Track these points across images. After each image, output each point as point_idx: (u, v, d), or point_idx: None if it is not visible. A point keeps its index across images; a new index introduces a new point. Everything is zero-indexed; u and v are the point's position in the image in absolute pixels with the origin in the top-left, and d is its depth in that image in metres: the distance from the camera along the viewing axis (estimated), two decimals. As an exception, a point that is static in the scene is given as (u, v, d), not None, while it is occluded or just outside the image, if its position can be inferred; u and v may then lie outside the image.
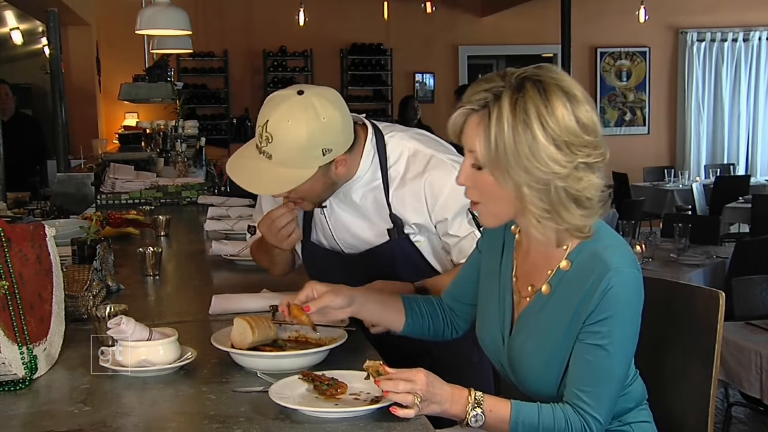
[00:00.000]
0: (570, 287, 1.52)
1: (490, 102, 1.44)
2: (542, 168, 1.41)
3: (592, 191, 1.46)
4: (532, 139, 1.40)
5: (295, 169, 1.84)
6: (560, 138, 1.41)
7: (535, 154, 1.41)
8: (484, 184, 1.48)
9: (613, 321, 1.46)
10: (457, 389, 1.48)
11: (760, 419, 4.06)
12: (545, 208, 1.45)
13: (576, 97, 1.45)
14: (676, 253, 4.61)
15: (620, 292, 1.46)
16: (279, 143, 1.81)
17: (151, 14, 5.13)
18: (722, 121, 10.54)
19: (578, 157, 1.43)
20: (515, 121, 1.41)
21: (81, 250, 2.46)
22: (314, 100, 1.83)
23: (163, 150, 5.99)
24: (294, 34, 9.46)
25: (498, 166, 1.43)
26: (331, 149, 1.85)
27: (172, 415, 1.49)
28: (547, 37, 9.58)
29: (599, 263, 1.48)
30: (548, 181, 1.43)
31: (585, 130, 1.44)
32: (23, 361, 1.58)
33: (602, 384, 1.48)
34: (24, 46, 8.79)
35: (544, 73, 1.46)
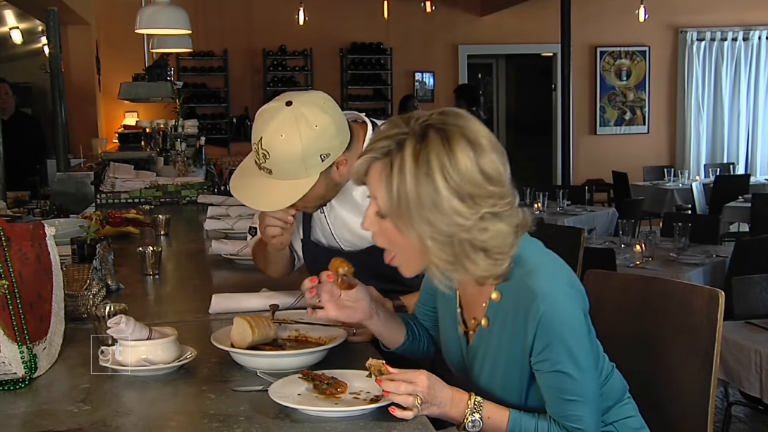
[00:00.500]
0: (505, 317, 1.51)
1: (392, 150, 1.40)
2: (445, 220, 1.38)
3: (499, 240, 1.42)
4: (435, 192, 1.37)
5: (296, 180, 1.86)
6: (463, 190, 1.37)
7: (438, 206, 1.37)
8: (389, 233, 1.46)
9: (557, 345, 1.44)
10: (457, 393, 1.48)
11: (760, 418, 4.06)
12: (449, 260, 1.42)
13: (481, 146, 1.40)
14: (676, 252, 4.60)
15: (552, 317, 1.43)
16: (276, 159, 1.83)
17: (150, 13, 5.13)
18: (722, 121, 10.54)
19: (483, 208, 1.39)
20: (417, 172, 1.37)
21: (81, 249, 2.46)
22: (303, 110, 1.83)
23: (162, 149, 5.99)
24: (294, 33, 9.47)
25: (400, 217, 1.40)
26: (329, 153, 1.86)
27: (172, 414, 1.49)
28: (547, 36, 9.58)
29: (526, 292, 1.45)
30: (452, 234, 1.39)
31: (490, 180, 1.40)
32: (23, 360, 1.58)
33: (576, 404, 1.47)
34: (24, 45, 8.79)
35: (449, 121, 1.42)
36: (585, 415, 1.47)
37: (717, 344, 1.76)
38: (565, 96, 8.63)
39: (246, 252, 2.76)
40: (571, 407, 1.47)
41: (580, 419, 1.47)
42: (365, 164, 1.45)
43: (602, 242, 5.12)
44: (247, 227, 3.25)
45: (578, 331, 1.46)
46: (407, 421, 1.40)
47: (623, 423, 1.63)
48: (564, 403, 1.47)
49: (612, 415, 1.62)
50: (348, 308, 1.64)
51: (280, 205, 1.91)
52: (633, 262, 4.44)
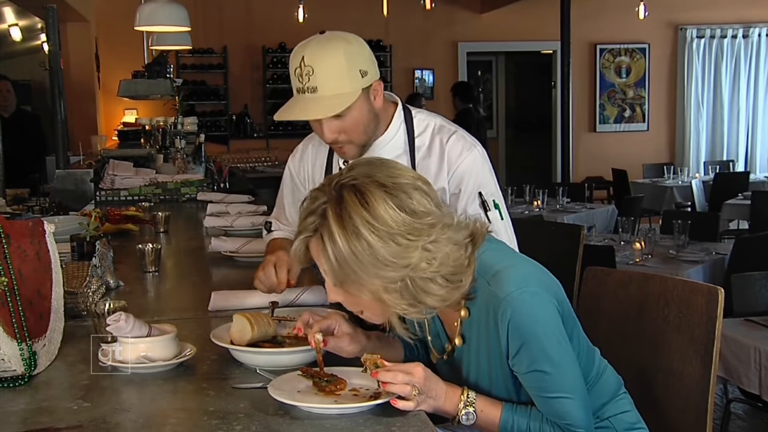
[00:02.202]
0: (478, 331, 1.53)
1: (318, 224, 1.43)
2: (390, 268, 1.39)
3: (449, 263, 1.43)
4: (368, 246, 1.38)
5: (341, 93, 1.90)
6: (394, 233, 1.39)
7: (377, 257, 1.38)
8: (351, 298, 1.48)
9: (530, 345, 1.45)
10: (451, 387, 1.50)
11: (759, 415, 4.07)
12: (409, 303, 1.43)
13: (398, 186, 1.42)
14: (676, 249, 4.60)
15: (519, 318, 1.44)
16: (321, 71, 1.88)
17: (150, 10, 5.13)
18: (722, 118, 10.53)
19: (420, 241, 1.40)
20: (346, 235, 1.39)
21: (80, 246, 2.46)
22: (338, 33, 1.95)
23: (162, 146, 5.98)
24: (293, 30, 9.43)
25: (349, 282, 1.42)
26: (367, 71, 1.94)
27: (172, 411, 1.49)
28: (547, 33, 9.57)
29: (491, 298, 1.47)
30: (402, 277, 1.40)
31: (415, 215, 1.41)
32: (22, 358, 1.58)
33: (560, 401, 1.48)
34: (23, 43, 8.78)
35: (358, 174, 1.44)
36: (572, 409, 1.48)
37: (716, 341, 1.76)
38: (564, 93, 8.63)
39: (246, 249, 2.76)
40: (557, 404, 1.48)
41: (568, 414, 1.48)
42: (302, 245, 1.47)
43: (602, 240, 5.12)
44: (246, 225, 3.26)
45: (549, 328, 1.47)
46: (407, 417, 1.40)
47: (619, 418, 1.63)
48: (549, 402, 1.49)
49: (607, 410, 1.63)
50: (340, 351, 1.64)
51: (326, 113, 1.92)
52: (633, 259, 4.44)
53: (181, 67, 9.50)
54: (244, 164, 8.89)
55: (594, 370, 1.62)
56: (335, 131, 1.96)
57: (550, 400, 1.48)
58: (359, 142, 2.01)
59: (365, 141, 2.03)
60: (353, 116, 1.94)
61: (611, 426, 1.62)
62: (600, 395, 1.62)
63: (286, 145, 9.98)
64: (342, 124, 1.94)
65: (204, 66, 9.71)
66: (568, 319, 1.53)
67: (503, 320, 1.45)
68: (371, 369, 1.45)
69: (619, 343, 1.95)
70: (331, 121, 1.94)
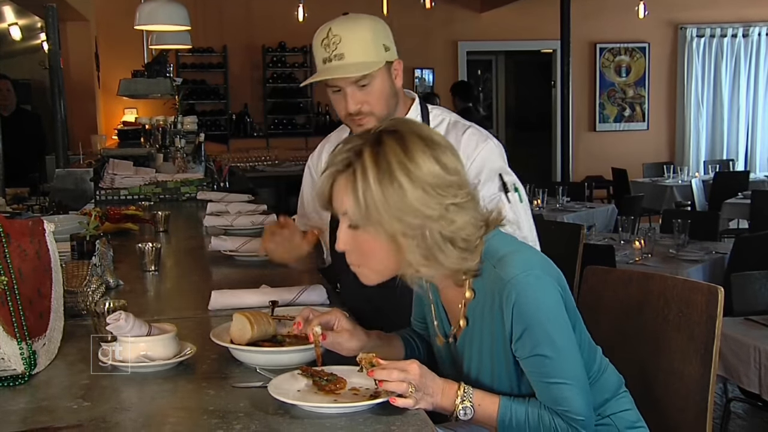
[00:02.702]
0: (482, 313, 1.54)
1: (352, 160, 1.46)
2: (413, 214, 1.43)
3: (467, 231, 1.47)
4: (399, 188, 1.43)
5: (367, 61, 1.99)
6: (425, 181, 1.44)
7: (404, 201, 1.43)
8: (362, 243, 1.49)
9: (534, 329, 1.46)
10: (447, 383, 1.50)
11: (759, 414, 4.07)
12: (423, 254, 1.46)
13: (435, 141, 1.48)
14: (675, 248, 4.60)
15: (524, 301, 1.46)
16: (348, 39, 1.97)
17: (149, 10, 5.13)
18: (721, 117, 10.53)
19: (446, 199, 1.45)
20: (379, 173, 1.43)
21: (80, 245, 2.46)
22: (361, 14, 2.05)
23: (162, 146, 5.97)
24: (293, 29, 9.45)
25: (371, 221, 1.45)
26: (390, 48, 2.04)
27: (172, 410, 1.49)
28: (547, 32, 9.57)
29: (496, 281, 1.49)
30: (422, 226, 1.44)
31: (447, 170, 1.46)
32: (22, 357, 1.58)
33: (561, 388, 1.49)
34: (23, 42, 8.77)
35: (399, 124, 1.51)
36: (572, 396, 1.49)
37: (716, 340, 1.76)
38: (564, 92, 8.63)
39: (246, 248, 2.76)
40: (557, 390, 1.48)
41: (568, 401, 1.48)
42: (328, 180, 1.50)
43: (602, 239, 5.12)
44: (246, 224, 3.26)
45: (553, 313, 1.48)
46: (406, 416, 1.40)
47: (620, 416, 1.64)
48: (549, 387, 1.49)
49: (608, 408, 1.63)
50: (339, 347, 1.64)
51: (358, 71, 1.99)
52: (632, 258, 4.44)
53: (181, 66, 9.50)
54: (244, 163, 8.90)
55: (596, 366, 1.63)
56: (359, 101, 2.01)
57: (550, 385, 1.48)
58: (380, 114, 2.06)
59: (385, 115, 2.07)
60: (376, 87, 2.01)
61: (612, 423, 1.62)
62: (601, 392, 1.62)
63: (286, 144, 10.01)
64: (365, 94, 2.01)
65: (204, 65, 9.71)
66: (570, 311, 1.54)
67: (508, 303, 1.47)
68: (367, 368, 1.45)
69: (619, 342, 1.95)
70: (356, 91, 2.01)
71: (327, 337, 1.61)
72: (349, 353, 1.62)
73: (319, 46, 2.01)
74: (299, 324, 1.64)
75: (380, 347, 1.68)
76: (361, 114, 2.04)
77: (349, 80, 2.00)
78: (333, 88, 2.05)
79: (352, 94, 2.01)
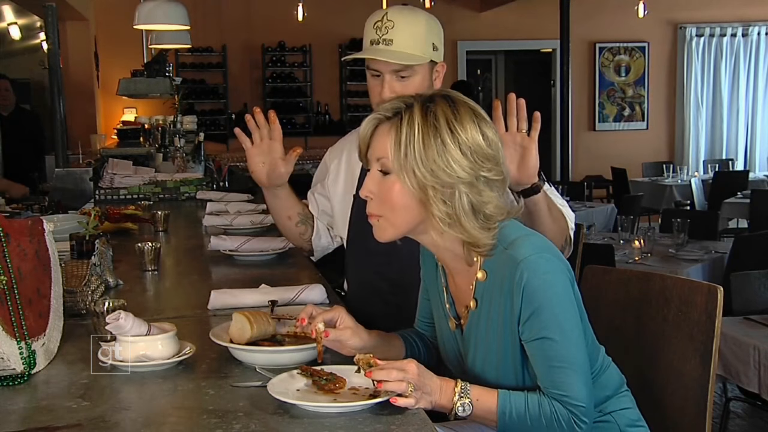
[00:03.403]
0: (492, 295, 1.55)
1: (401, 110, 1.52)
2: (447, 171, 1.48)
3: (491, 208, 1.51)
4: (441, 143, 1.48)
5: (414, 53, 2.01)
6: (466, 145, 1.49)
7: (442, 156, 1.48)
8: (389, 191, 1.52)
9: (543, 311, 1.48)
10: (444, 381, 1.50)
11: (758, 414, 4.07)
12: (448, 212, 1.49)
13: (482, 116, 1.55)
14: (675, 248, 4.61)
15: (535, 281, 1.48)
16: (401, 27, 2.00)
17: (149, 9, 5.13)
18: (721, 117, 10.54)
19: (481, 170, 1.50)
20: (425, 126, 1.49)
21: (79, 245, 2.46)
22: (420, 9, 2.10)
23: (161, 145, 5.98)
24: (292, 29, 9.45)
25: (405, 168, 1.49)
26: (438, 49, 2.06)
27: (171, 409, 1.49)
28: (546, 32, 9.57)
29: (509, 261, 1.51)
30: (453, 185, 1.49)
31: (489, 144, 1.52)
32: (21, 356, 1.57)
33: (564, 372, 1.49)
34: (22, 41, 8.77)
35: (452, 92, 1.58)
36: (574, 382, 1.49)
37: (716, 340, 1.76)
38: (564, 92, 8.63)
39: (245, 248, 2.76)
40: (559, 374, 1.49)
41: (570, 386, 1.49)
42: (372, 124, 1.56)
43: (601, 238, 5.12)
44: (246, 223, 3.26)
45: (562, 296, 1.50)
46: (406, 415, 1.40)
47: (621, 414, 1.64)
48: (552, 371, 1.50)
49: (610, 405, 1.64)
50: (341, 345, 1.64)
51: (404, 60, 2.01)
52: (632, 257, 4.44)
53: (181, 65, 9.50)
54: (244, 163, 8.79)
55: (599, 361, 1.63)
56: (395, 91, 2.02)
57: (553, 369, 1.49)
58: None
59: None
60: (415, 82, 2.03)
61: (613, 421, 1.63)
62: (602, 389, 1.62)
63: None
64: (403, 86, 2.03)
65: (203, 64, 9.71)
66: (577, 303, 1.55)
67: (519, 283, 1.48)
68: (365, 369, 1.45)
69: (619, 342, 1.95)
70: (395, 81, 2.03)
71: (329, 334, 1.61)
72: (350, 352, 1.62)
73: (370, 28, 2.04)
74: (303, 320, 1.63)
75: (381, 346, 1.68)
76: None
77: (391, 67, 2.02)
78: (373, 72, 2.07)
79: (391, 83, 2.03)
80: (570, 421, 1.49)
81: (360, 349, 1.59)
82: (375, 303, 2.18)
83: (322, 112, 9.99)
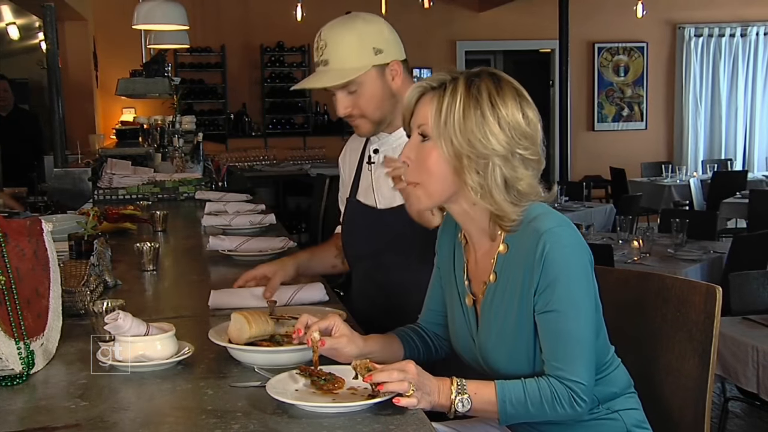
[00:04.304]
0: (512, 267, 1.57)
1: (447, 81, 1.56)
2: (483, 142, 1.51)
3: (524, 185, 1.55)
4: (480, 115, 1.52)
5: (350, 66, 2.03)
6: (504, 120, 1.53)
7: (480, 128, 1.52)
8: (426, 157, 1.56)
9: (558, 283, 1.50)
10: (441, 381, 1.49)
11: (757, 414, 4.07)
12: (480, 183, 1.53)
13: (525, 97, 1.59)
14: (674, 248, 4.61)
15: (557, 252, 1.51)
16: (333, 46, 2.03)
17: (148, 9, 5.13)
18: (720, 117, 10.54)
19: (518, 147, 1.53)
20: (468, 98, 1.53)
21: (78, 245, 2.46)
22: (361, 13, 2.09)
23: (160, 145, 5.98)
24: (291, 29, 9.45)
25: (443, 135, 1.53)
26: (382, 50, 2.05)
27: (170, 409, 1.49)
28: (545, 32, 9.58)
29: (532, 233, 1.54)
30: (487, 156, 1.52)
31: (528, 123, 1.56)
32: (20, 357, 1.57)
33: (569, 346, 1.51)
34: (21, 41, 8.77)
35: (499, 71, 1.61)
36: (578, 358, 1.50)
37: (714, 340, 1.76)
38: (562, 92, 8.63)
39: (244, 248, 2.76)
40: (566, 348, 1.51)
41: (573, 361, 1.50)
42: (417, 92, 1.60)
43: (600, 238, 5.12)
44: (244, 223, 3.26)
45: (579, 272, 1.52)
46: (405, 415, 1.40)
47: (628, 413, 1.65)
48: (557, 344, 1.51)
49: (617, 403, 1.65)
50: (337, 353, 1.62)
51: (334, 81, 2.03)
52: (631, 257, 4.44)
53: (179, 65, 9.50)
54: (242, 163, 8.89)
55: (609, 355, 1.65)
56: (347, 105, 2.07)
57: (559, 342, 1.51)
58: (373, 117, 2.10)
59: (380, 118, 2.11)
60: (366, 91, 2.05)
61: (620, 419, 1.63)
62: (610, 386, 1.64)
63: (284, 144, 10.00)
64: (355, 98, 2.06)
65: (202, 65, 9.71)
66: (592, 284, 1.57)
67: (540, 253, 1.51)
68: (363, 374, 1.44)
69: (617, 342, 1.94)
70: (344, 96, 2.07)
71: (326, 343, 1.60)
72: (347, 359, 1.60)
73: (315, 50, 2.07)
74: (299, 331, 1.62)
75: (378, 352, 1.67)
76: (351, 117, 2.09)
77: (334, 87, 2.04)
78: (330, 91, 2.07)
79: (341, 99, 2.07)
80: (570, 400, 1.50)
81: (356, 356, 1.58)
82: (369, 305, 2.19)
83: (321, 112, 9.99)
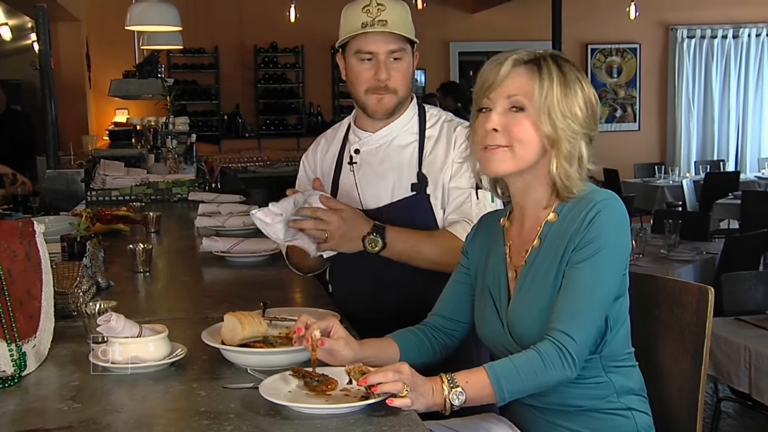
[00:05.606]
0: (558, 234, 1.63)
1: (537, 57, 1.63)
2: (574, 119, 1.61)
3: (587, 163, 1.66)
4: (573, 94, 1.62)
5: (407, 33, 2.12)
6: (588, 99, 1.64)
7: (572, 106, 1.61)
8: (519, 126, 1.61)
9: (594, 245, 1.57)
10: (433, 381, 1.49)
11: (749, 414, 4.08)
12: (570, 151, 1.62)
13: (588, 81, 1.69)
14: (666, 249, 4.62)
15: (605, 218, 1.58)
16: (393, 10, 2.10)
17: (141, 10, 5.12)
18: (712, 118, 10.57)
19: (589, 126, 1.64)
20: (562, 76, 1.62)
21: (71, 246, 2.46)
22: None
23: (153, 146, 5.97)
24: (285, 30, 9.44)
25: (543, 110, 1.60)
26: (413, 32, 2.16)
27: (163, 411, 1.49)
28: (538, 33, 9.57)
29: (585, 203, 1.62)
30: (576, 133, 1.62)
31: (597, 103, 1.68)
32: (12, 359, 1.57)
33: (575, 302, 1.55)
34: (13, 42, 8.74)
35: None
36: (576, 317, 1.54)
37: (706, 340, 1.76)
38: (556, 93, 8.63)
39: (237, 249, 2.76)
40: (569, 303, 1.55)
41: (573, 321, 1.54)
42: (510, 65, 1.63)
43: (593, 239, 5.12)
44: (238, 224, 3.25)
45: (615, 247, 1.60)
46: (399, 416, 1.40)
47: (640, 415, 1.67)
48: (565, 300, 1.56)
49: (632, 401, 1.66)
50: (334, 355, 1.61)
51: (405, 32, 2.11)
52: (624, 258, 4.45)
53: (173, 66, 9.48)
54: (236, 164, 8.88)
55: (629, 350, 1.68)
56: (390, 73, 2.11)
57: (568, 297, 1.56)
58: (401, 94, 2.17)
59: (404, 96, 2.18)
60: (405, 64, 2.13)
61: (632, 418, 1.65)
62: (629, 379, 1.66)
63: (277, 145, 9.99)
64: (395, 68, 2.12)
65: (195, 65, 9.69)
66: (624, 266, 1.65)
67: (590, 216, 1.58)
68: (357, 378, 1.44)
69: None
70: (389, 62, 2.11)
71: (325, 343, 1.60)
72: (341, 363, 1.59)
73: (359, 11, 2.09)
74: (300, 330, 1.62)
75: (376, 354, 1.67)
76: (386, 87, 2.12)
77: (388, 47, 2.08)
78: (364, 56, 2.10)
79: (386, 63, 2.10)
80: (559, 358, 1.52)
81: (351, 361, 1.57)
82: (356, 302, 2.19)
83: (315, 113, 9.98)
